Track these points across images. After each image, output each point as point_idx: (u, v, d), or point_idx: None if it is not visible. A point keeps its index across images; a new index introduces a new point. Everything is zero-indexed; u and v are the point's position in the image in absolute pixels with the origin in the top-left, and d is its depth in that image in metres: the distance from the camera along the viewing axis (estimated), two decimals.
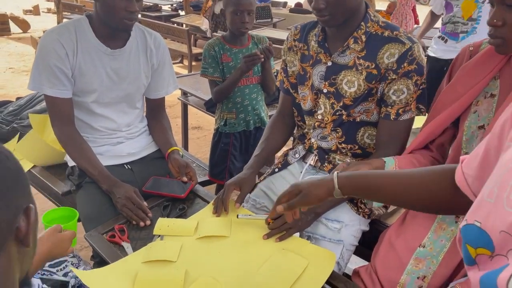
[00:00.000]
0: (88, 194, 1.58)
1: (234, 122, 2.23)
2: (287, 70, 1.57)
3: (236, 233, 1.35)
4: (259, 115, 2.26)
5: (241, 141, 2.28)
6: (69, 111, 1.59)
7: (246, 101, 2.20)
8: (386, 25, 1.37)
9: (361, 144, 1.48)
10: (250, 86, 2.19)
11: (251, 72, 2.15)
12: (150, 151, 1.79)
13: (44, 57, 1.52)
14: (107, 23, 1.52)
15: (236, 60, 2.14)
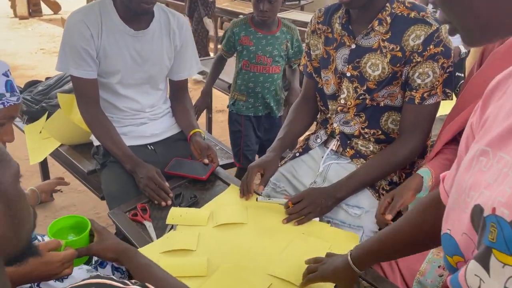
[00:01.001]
0: (112, 173, 1.62)
1: (242, 104, 2.22)
2: (311, 53, 1.54)
3: (254, 219, 1.35)
4: (268, 104, 2.22)
5: (252, 122, 2.26)
6: (95, 91, 1.62)
7: (258, 88, 2.17)
8: (413, 6, 1.33)
9: (385, 129, 1.45)
10: (265, 74, 2.15)
11: (270, 61, 2.11)
12: (173, 133, 1.81)
13: (70, 38, 1.54)
14: (128, 6, 1.53)
15: (258, 46, 2.10)
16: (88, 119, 1.64)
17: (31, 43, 6.38)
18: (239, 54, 2.15)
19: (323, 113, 1.60)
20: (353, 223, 1.37)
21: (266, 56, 2.11)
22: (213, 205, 1.44)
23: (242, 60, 2.14)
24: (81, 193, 2.76)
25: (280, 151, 1.54)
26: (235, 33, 2.12)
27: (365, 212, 1.38)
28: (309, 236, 1.26)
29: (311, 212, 1.33)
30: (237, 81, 2.20)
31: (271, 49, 2.11)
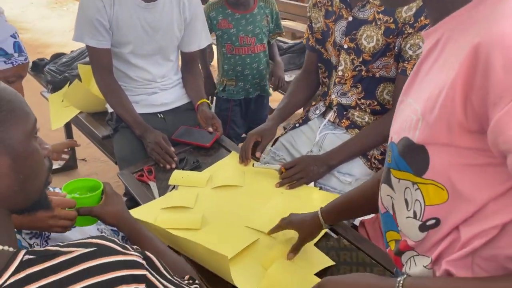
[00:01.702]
0: (123, 138, 1.74)
1: (233, 89, 2.16)
2: (313, 26, 1.58)
3: (249, 183, 1.42)
4: (259, 84, 2.17)
5: (241, 106, 2.21)
6: (108, 61, 1.72)
7: (246, 70, 2.10)
8: None
9: (380, 100, 1.49)
10: (251, 55, 2.09)
11: (253, 40, 2.05)
12: (182, 103, 1.90)
13: (85, 9, 1.64)
14: None
15: (238, 27, 2.03)
16: (103, 87, 1.75)
17: (66, 22, 6.60)
18: (220, 39, 2.09)
19: (324, 85, 1.64)
20: (343, 190, 1.42)
21: (248, 36, 2.06)
22: (213, 169, 1.52)
23: (225, 44, 2.07)
24: (103, 163, 2.92)
25: (278, 120, 1.60)
26: (211, 17, 2.05)
27: (355, 179, 1.43)
28: (294, 197, 1.33)
29: (303, 177, 1.39)
30: (224, 67, 2.14)
31: (253, 27, 2.06)
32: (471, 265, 0.70)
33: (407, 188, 0.74)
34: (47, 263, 0.59)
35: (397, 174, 0.75)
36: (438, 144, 0.67)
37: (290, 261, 1.08)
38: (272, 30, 2.19)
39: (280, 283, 1.02)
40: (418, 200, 0.73)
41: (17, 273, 0.58)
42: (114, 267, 0.61)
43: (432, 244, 0.75)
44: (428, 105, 0.67)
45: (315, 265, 1.09)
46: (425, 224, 0.73)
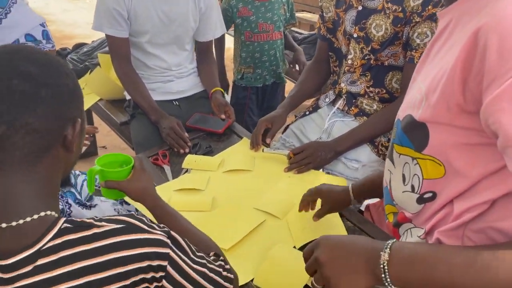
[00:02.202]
0: (140, 124, 1.81)
1: (251, 77, 2.22)
2: (324, 16, 1.61)
3: (259, 168, 1.47)
4: (275, 71, 2.23)
5: (257, 95, 2.27)
6: (126, 49, 1.79)
7: (264, 57, 2.17)
8: None
9: (389, 89, 1.52)
10: (270, 42, 2.15)
11: (272, 27, 2.11)
12: (197, 91, 1.96)
13: (104, 0, 1.71)
14: None
15: (258, 14, 2.09)
16: (121, 74, 1.82)
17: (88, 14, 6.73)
18: (239, 27, 2.15)
19: (334, 74, 1.68)
20: (350, 175, 1.47)
21: (267, 23, 2.12)
22: (225, 154, 1.58)
23: (244, 32, 2.14)
24: (122, 150, 3.01)
25: (288, 108, 1.64)
26: (232, 5, 2.11)
27: (362, 165, 1.47)
28: (301, 181, 1.38)
29: (310, 163, 1.43)
30: (242, 54, 2.20)
31: (271, 15, 2.13)
32: (461, 237, 0.74)
33: (406, 163, 0.78)
34: (82, 233, 0.64)
35: (399, 149, 0.79)
36: (437, 123, 0.71)
37: (291, 247, 1.12)
38: (287, 20, 2.25)
39: (280, 266, 1.05)
40: (416, 174, 0.77)
41: (56, 239, 0.63)
42: (140, 244, 0.66)
43: (427, 217, 0.79)
44: (432, 86, 0.71)
45: None
46: (423, 197, 0.77)
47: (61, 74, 0.69)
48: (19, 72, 0.64)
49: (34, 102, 0.64)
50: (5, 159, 0.65)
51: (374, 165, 1.49)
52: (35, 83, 0.65)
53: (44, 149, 0.67)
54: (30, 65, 0.66)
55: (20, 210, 0.64)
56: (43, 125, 0.66)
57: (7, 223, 0.63)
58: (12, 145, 0.64)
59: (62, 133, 0.69)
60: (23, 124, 0.64)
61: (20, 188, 0.65)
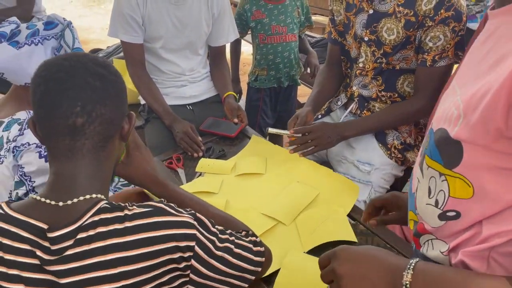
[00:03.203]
0: (154, 128, 1.84)
1: (264, 78, 2.23)
2: (335, 19, 1.62)
3: (271, 169, 1.48)
4: (289, 73, 2.24)
5: (271, 97, 2.29)
6: (141, 55, 1.83)
7: (278, 58, 2.18)
8: None
9: (401, 92, 1.52)
10: (283, 44, 2.17)
11: (285, 29, 2.13)
12: (210, 95, 1.99)
13: (119, 6, 1.75)
14: None
15: (271, 17, 2.12)
16: (135, 79, 1.85)
17: (103, 20, 6.85)
18: (254, 30, 2.17)
19: (346, 76, 1.68)
20: (363, 179, 1.47)
21: (280, 25, 2.14)
22: (237, 157, 1.59)
23: (258, 34, 2.16)
24: None
25: (314, 106, 1.60)
26: (246, 10, 2.14)
27: (374, 169, 1.47)
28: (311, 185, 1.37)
29: (316, 145, 1.42)
30: (256, 57, 2.23)
31: (284, 17, 2.14)
32: (487, 258, 0.71)
33: (432, 177, 0.75)
34: (116, 213, 0.72)
35: (428, 161, 0.76)
36: (474, 143, 0.67)
37: (303, 254, 1.11)
38: (302, 24, 2.27)
39: (297, 274, 1.05)
40: (443, 190, 0.73)
41: (94, 216, 0.71)
42: (166, 225, 0.73)
43: (451, 233, 0.75)
44: (472, 103, 0.67)
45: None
46: (445, 214, 0.73)
47: (118, 75, 0.80)
48: (92, 71, 0.74)
49: (105, 96, 0.75)
50: (78, 146, 0.74)
51: (387, 168, 1.49)
52: (105, 80, 0.75)
53: (108, 138, 0.77)
54: (97, 66, 0.76)
55: (77, 191, 0.74)
56: (111, 116, 0.76)
57: (64, 202, 0.72)
58: (87, 133, 0.74)
59: (121, 124, 0.80)
60: (98, 115, 0.74)
61: (83, 172, 0.75)
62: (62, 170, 0.75)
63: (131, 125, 0.82)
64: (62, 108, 0.72)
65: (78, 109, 0.72)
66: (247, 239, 0.86)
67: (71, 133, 0.73)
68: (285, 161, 1.51)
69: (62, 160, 0.74)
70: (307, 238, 1.17)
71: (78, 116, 0.72)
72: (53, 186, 0.74)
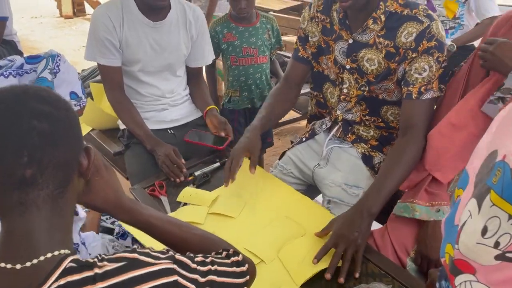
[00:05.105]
0: (134, 153, 1.78)
1: (237, 100, 2.25)
2: (307, 39, 1.57)
3: (259, 199, 1.42)
4: (262, 94, 2.25)
5: (245, 117, 2.29)
6: (119, 78, 1.78)
7: (249, 80, 2.20)
8: (405, 2, 1.35)
9: (385, 119, 1.52)
10: (254, 65, 2.19)
11: (256, 51, 2.16)
12: (192, 118, 1.95)
13: (96, 30, 1.70)
14: (144, 1, 1.68)
15: (242, 39, 2.15)
16: (114, 103, 1.80)
17: (75, 41, 6.72)
18: (225, 52, 2.19)
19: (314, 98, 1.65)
20: (351, 202, 1.44)
21: (251, 47, 2.17)
22: (223, 189, 1.48)
23: (230, 57, 2.18)
24: None
25: (260, 130, 1.51)
26: (218, 32, 2.16)
27: (362, 191, 1.45)
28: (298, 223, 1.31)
29: (348, 248, 1.14)
30: (229, 79, 2.25)
31: (255, 40, 2.17)
32: None
33: (495, 218, 0.65)
34: (85, 273, 0.63)
35: (495, 198, 0.65)
36: None
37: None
38: (273, 46, 2.29)
39: None
40: (509, 233, 0.65)
41: (60, 279, 0.62)
42: (144, 279, 0.65)
43: (503, 279, 0.67)
44: None
45: None
46: (505, 255, 0.66)
47: (68, 107, 0.72)
48: (35, 112, 0.66)
49: (56, 138, 0.67)
50: (31, 199, 0.65)
51: None
52: (53, 120, 0.67)
53: (66, 182, 0.69)
54: (41, 104, 0.67)
55: (37, 250, 0.64)
56: (66, 157, 0.68)
57: (22, 263, 0.63)
58: (39, 184, 0.65)
59: (78, 161, 0.72)
60: (51, 160, 0.66)
61: (41, 227, 0.66)
62: (16, 227, 0.65)
63: (90, 161, 0.74)
64: (5, 161, 0.62)
65: (25, 159, 0.63)
66: (229, 261, 0.81)
67: (21, 187, 0.64)
68: (274, 190, 1.46)
69: (14, 217, 0.65)
70: (296, 271, 1.13)
71: (26, 168, 0.63)
72: (8, 247, 0.64)
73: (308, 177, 1.62)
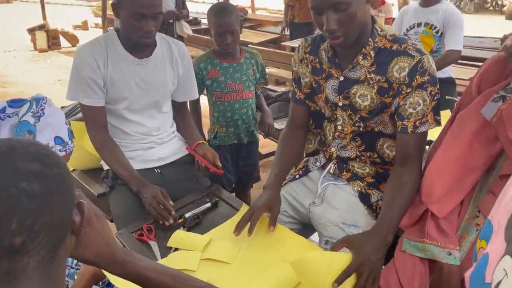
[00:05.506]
0: (120, 195, 1.70)
1: (224, 135, 2.21)
2: (300, 81, 1.57)
3: (255, 244, 1.37)
4: (248, 129, 2.23)
5: (232, 153, 2.26)
6: (103, 118, 1.72)
7: (236, 115, 2.17)
8: (394, 38, 1.36)
9: (381, 154, 1.50)
10: (240, 101, 2.17)
11: (241, 86, 2.14)
12: (180, 156, 1.89)
13: (79, 69, 1.65)
14: (129, 38, 1.65)
15: (227, 75, 2.13)
16: (97, 144, 1.73)
17: (50, 75, 6.63)
18: (210, 88, 2.17)
19: (318, 135, 1.63)
20: None
21: (236, 83, 2.14)
22: (216, 231, 1.46)
23: (214, 92, 2.16)
24: None
25: (278, 187, 1.52)
26: (202, 68, 2.14)
27: (361, 231, 1.41)
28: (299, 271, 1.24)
29: (370, 273, 1.18)
30: (214, 114, 2.21)
31: (240, 75, 2.15)
32: None
33: None
34: None
35: None
36: None
37: None
38: (258, 81, 2.27)
39: None
40: None
41: None
42: None
43: None
44: None
45: None
46: None
47: (58, 161, 0.66)
48: (24, 173, 0.60)
49: (47, 200, 0.61)
50: (20, 267, 0.60)
51: None
52: (43, 179, 0.62)
53: (58, 244, 0.64)
54: (30, 162, 0.62)
55: None
56: (59, 219, 0.63)
57: None
58: (30, 251, 0.60)
59: (70, 219, 0.67)
60: (42, 225, 0.60)
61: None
62: None
63: (84, 217, 0.68)
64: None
65: (14, 226, 0.57)
66: None
67: (9, 255, 0.58)
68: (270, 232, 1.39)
69: (1, 285, 0.60)
70: None
71: (15, 235, 0.58)
72: None
73: (303, 216, 1.57)
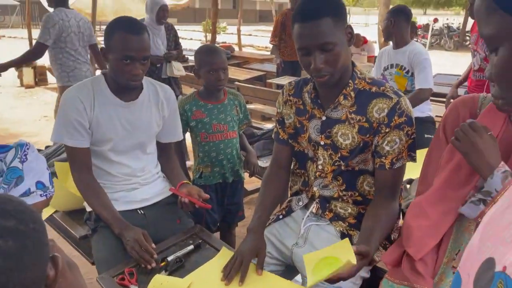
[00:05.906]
0: (102, 238, 1.68)
1: (209, 175, 2.22)
2: (284, 122, 1.62)
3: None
4: (233, 168, 2.25)
5: (217, 192, 2.26)
6: (87, 159, 1.72)
7: (221, 155, 2.19)
8: (372, 81, 1.45)
9: (361, 192, 1.53)
10: (224, 141, 2.19)
11: (226, 127, 2.18)
12: (163, 197, 1.89)
13: (65, 111, 1.67)
14: (116, 81, 1.69)
15: (211, 116, 2.17)
16: (80, 185, 1.72)
17: (36, 111, 6.61)
18: (195, 129, 2.19)
19: (301, 176, 1.66)
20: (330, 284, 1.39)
21: (221, 123, 2.18)
22: (196, 274, 1.44)
23: (200, 133, 2.18)
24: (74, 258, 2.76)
25: (262, 230, 1.54)
26: (186, 110, 2.17)
27: None
28: None
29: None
30: (199, 154, 2.23)
31: (224, 116, 2.19)
32: None
33: None
34: None
35: None
36: None
37: None
38: (241, 121, 2.31)
39: None
40: None
41: None
42: None
43: None
44: None
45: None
46: None
47: (35, 218, 0.65)
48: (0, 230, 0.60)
49: (22, 257, 0.61)
50: None
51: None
52: (19, 236, 0.61)
53: None
54: (6, 220, 0.61)
55: None
56: (33, 275, 0.62)
57: None
58: None
59: (45, 275, 0.66)
60: (16, 284, 0.59)
61: None
62: None
63: (58, 271, 0.68)
64: None
65: None
66: None
67: None
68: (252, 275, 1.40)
69: None
70: None
71: None
72: None
73: (286, 257, 1.58)
